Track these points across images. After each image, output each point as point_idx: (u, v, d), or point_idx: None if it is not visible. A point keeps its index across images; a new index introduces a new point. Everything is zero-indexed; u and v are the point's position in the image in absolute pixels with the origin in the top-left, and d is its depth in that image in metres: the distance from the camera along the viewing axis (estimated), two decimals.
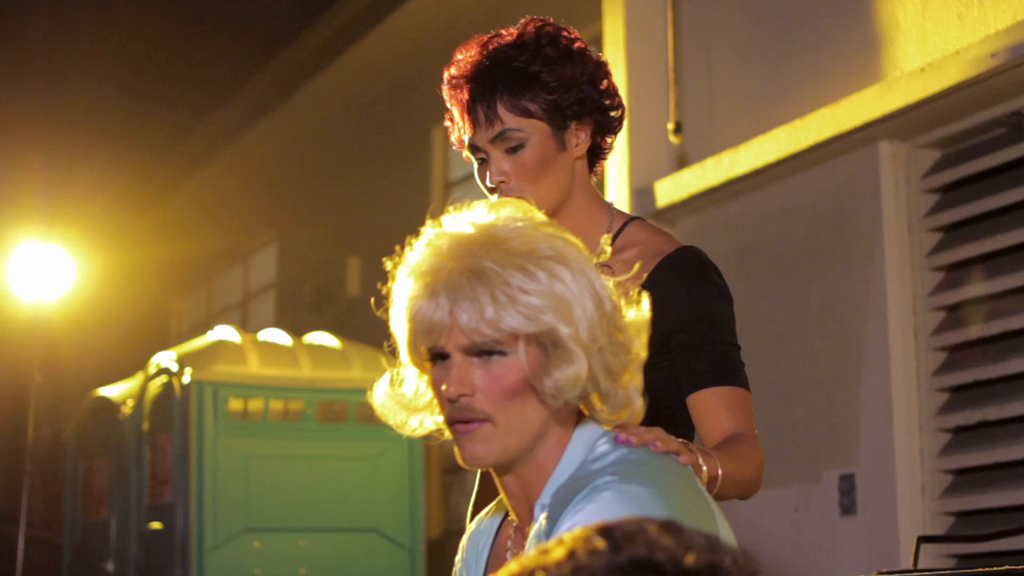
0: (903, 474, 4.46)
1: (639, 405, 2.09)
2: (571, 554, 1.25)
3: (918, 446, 4.50)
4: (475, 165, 2.69)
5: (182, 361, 6.13)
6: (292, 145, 10.41)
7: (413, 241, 2.13)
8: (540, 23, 2.64)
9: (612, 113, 2.67)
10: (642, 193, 5.37)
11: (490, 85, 2.59)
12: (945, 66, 4.26)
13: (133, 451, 6.36)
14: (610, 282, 2.07)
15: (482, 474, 2.87)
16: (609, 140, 2.71)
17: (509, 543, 2.22)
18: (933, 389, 4.50)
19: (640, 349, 2.08)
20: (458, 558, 2.35)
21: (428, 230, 2.10)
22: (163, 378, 6.19)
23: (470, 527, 2.36)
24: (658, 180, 5.31)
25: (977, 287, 4.41)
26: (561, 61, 2.58)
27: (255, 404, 6.16)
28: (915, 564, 3.71)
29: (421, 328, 2.03)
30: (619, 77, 5.54)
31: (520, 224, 2.06)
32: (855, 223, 4.66)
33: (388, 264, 2.14)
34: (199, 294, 12.43)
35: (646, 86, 5.43)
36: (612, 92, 2.66)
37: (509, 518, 2.23)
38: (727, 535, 2.08)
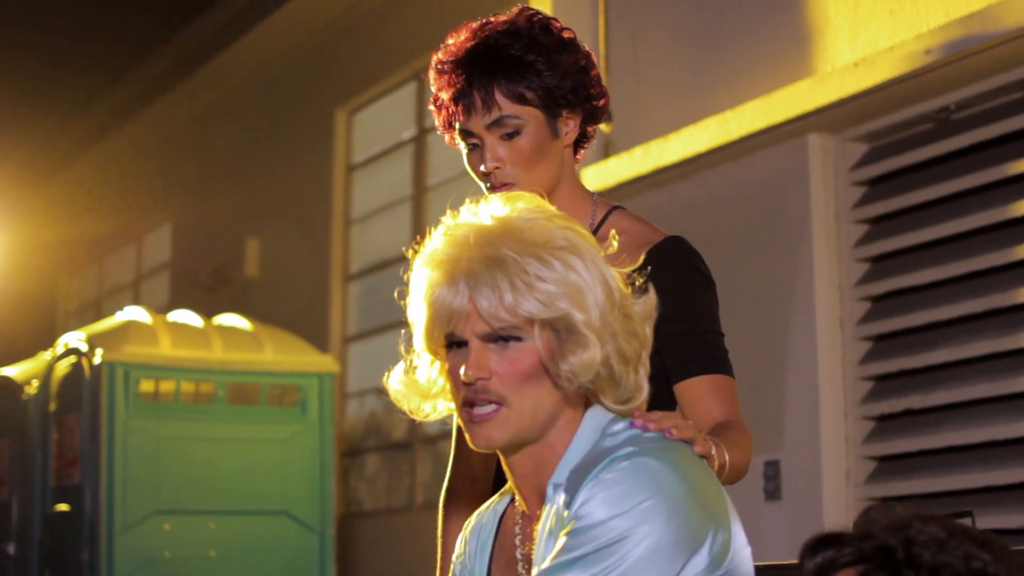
0: (828, 460, 4.56)
1: (647, 390, 2.15)
2: None
3: (843, 433, 4.59)
4: (464, 151, 2.70)
5: (92, 341, 6.06)
6: (191, 125, 10.30)
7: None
8: (531, 12, 2.66)
9: (599, 103, 2.70)
10: None
11: (487, 71, 2.60)
12: (878, 61, 4.35)
13: (37, 432, 6.28)
14: (616, 272, 2.13)
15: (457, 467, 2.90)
16: (592, 130, 2.74)
17: (517, 530, 2.24)
18: (858, 377, 4.60)
19: (648, 335, 2.14)
20: (458, 552, 2.37)
21: (446, 220, 2.15)
22: (71, 358, 6.12)
23: (470, 521, 2.38)
24: (585, 167, 5.36)
25: (903, 278, 4.51)
26: (555, 50, 2.61)
27: (166, 385, 6.11)
28: None
29: (440, 315, 2.07)
30: None
31: (535, 216, 2.12)
32: (784, 214, 4.74)
33: (408, 253, 2.17)
34: (89, 273, 12.26)
35: None
36: (599, 82, 2.70)
37: (516, 506, 2.26)
38: (735, 515, 2.12)
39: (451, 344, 2.09)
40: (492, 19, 2.68)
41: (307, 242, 8.96)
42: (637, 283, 2.16)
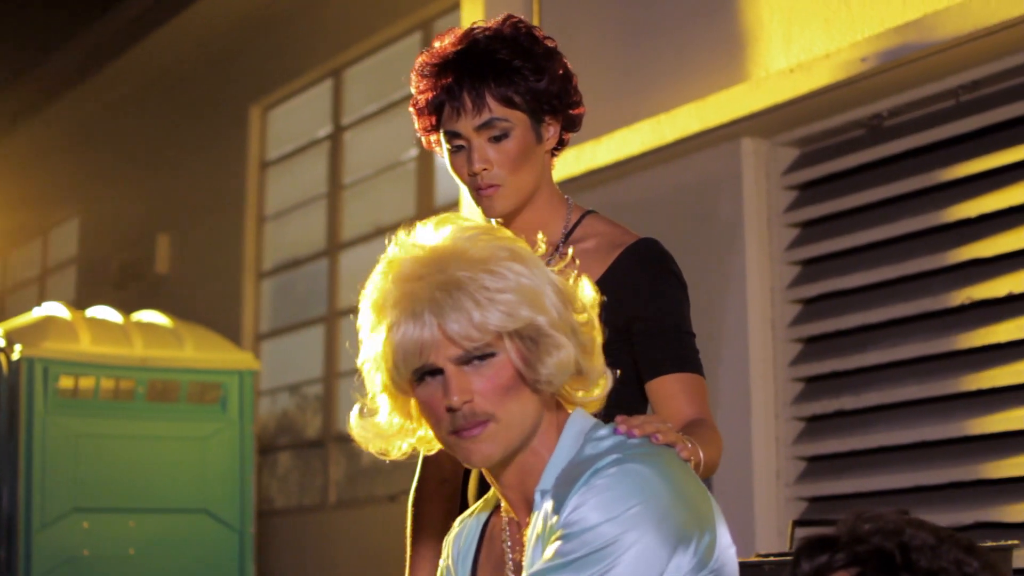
0: (759, 461, 4.63)
1: (609, 380, 2.20)
2: None
3: (774, 434, 4.66)
4: (446, 152, 2.74)
5: (10, 337, 5.99)
6: (101, 119, 10.20)
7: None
8: (516, 19, 2.74)
9: (577, 111, 2.77)
10: None
11: (478, 73, 2.65)
12: (815, 68, 4.42)
13: None
14: (554, 270, 2.19)
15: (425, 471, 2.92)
16: (567, 137, 2.81)
17: (506, 537, 2.27)
18: (790, 379, 4.67)
19: (598, 322, 2.21)
20: (444, 555, 2.40)
21: (380, 264, 2.17)
22: None
23: (453, 529, 2.41)
24: None
25: (834, 281, 4.59)
26: (542, 57, 2.69)
27: (86, 382, 6.06)
28: (791, 547, 3.87)
29: (409, 351, 2.10)
30: None
31: (469, 234, 2.15)
32: (716, 217, 4.80)
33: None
34: None
35: None
36: (578, 91, 2.77)
37: (502, 514, 2.29)
38: (720, 516, 2.17)
39: (422, 376, 2.12)
40: (477, 25, 2.74)
41: (220, 238, 8.91)
42: (572, 278, 2.20)
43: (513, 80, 2.67)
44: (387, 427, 2.23)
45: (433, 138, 2.79)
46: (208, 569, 6.23)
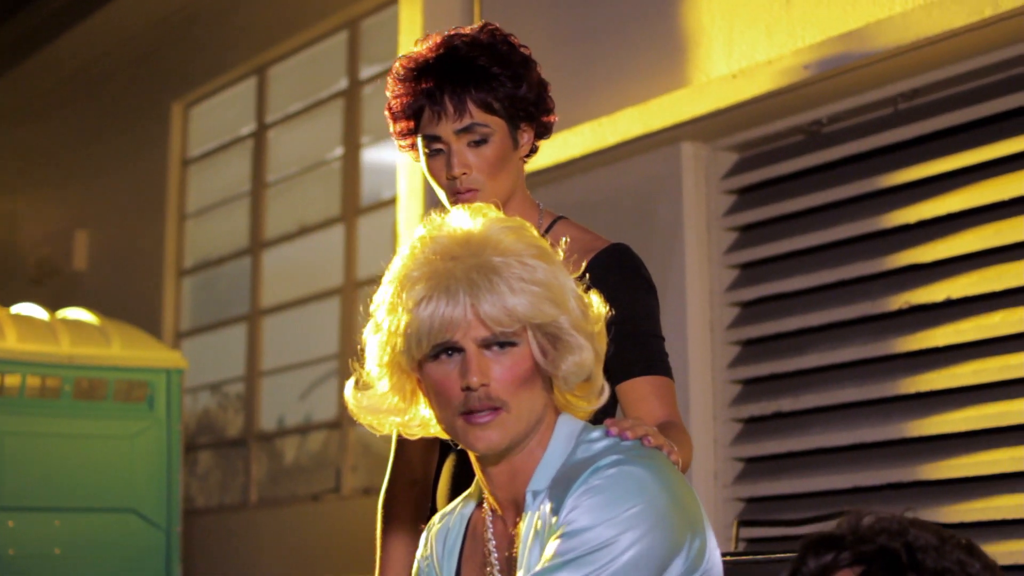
0: (697, 461, 4.68)
1: (606, 394, 2.24)
2: None
3: (712, 435, 4.72)
4: (423, 155, 2.76)
5: None
6: (18, 114, 10.07)
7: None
8: (493, 27, 2.78)
9: (550, 118, 2.81)
10: None
11: (460, 79, 2.68)
12: (757, 74, 4.48)
13: None
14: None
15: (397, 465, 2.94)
16: (539, 144, 2.84)
17: (489, 534, 2.29)
18: (728, 381, 4.73)
19: (605, 335, 2.24)
20: (422, 552, 2.41)
21: (412, 240, 2.18)
22: None
23: (433, 523, 2.41)
24: None
25: (772, 285, 4.65)
26: (519, 64, 2.73)
27: (11, 379, 5.98)
28: (735, 546, 3.93)
29: (437, 327, 2.11)
30: None
31: (504, 226, 2.19)
32: (656, 220, 4.85)
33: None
34: None
35: None
36: (551, 99, 2.81)
37: (485, 510, 2.30)
38: (707, 519, 2.21)
39: (438, 354, 2.13)
40: (454, 32, 2.77)
41: (140, 235, 8.84)
42: (580, 287, 2.24)
43: (493, 86, 2.70)
44: (381, 402, 2.24)
45: (407, 142, 2.81)
46: (134, 569, 6.17)
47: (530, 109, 2.76)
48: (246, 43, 8.21)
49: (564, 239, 2.48)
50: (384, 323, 2.17)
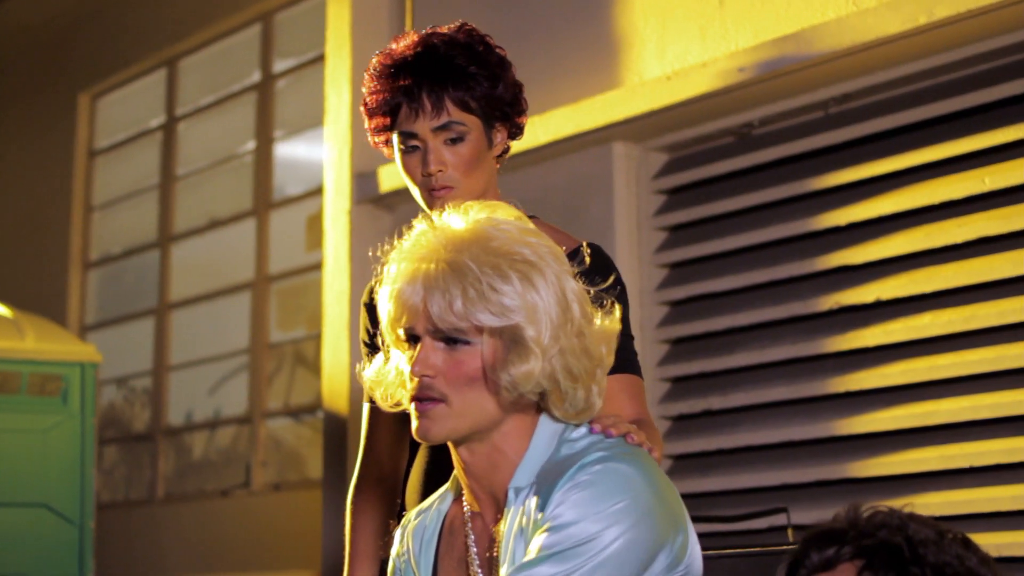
0: None
1: (599, 406, 2.26)
2: None
3: None
4: (398, 152, 2.79)
5: None
6: None
7: None
8: (470, 28, 2.82)
9: (522, 119, 2.84)
10: (364, 177, 5.47)
11: (438, 77, 2.71)
12: (692, 76, 4.54)
13: None
14: (582, 289, 2.23)
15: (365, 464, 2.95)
16: (511, 144, 2.88)
17: (467, 530, 2.31)
18: (657, 379, 4.78)
19: (605, 355, 2.24)
20: (397, 550, 2.42)
21: (421, 223, 2.22)
22: None
23: (409, 519, 2.43)
24: (382, 166, 5.42)
25: (702, 284, 4.72)
26: (496, 66, 2.78)
27: None
28: None
29: (399, 310, 2.19)
30: (343, 61, 5.61)
31: (506, 226, 2.21)
32: (587, 219, 4.89)
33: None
34: None
35: None
36: (525, 100, 2.85)
37: (463, 506, 2.33)
38: (687, 515, 2.25)
39: (409, 338, 2.20)
40: (431, 30, 2.80)
41: (45, 227, 8.72)
42: (607, 303, 2.26)
43: (470, 85, 2.74)
44: (385, 375, 2.28)
45: (381, 138, 2.84)
46: (47, 563, 6.11)
47: (505, 109, 2.80)
48: (156, 34, 8.14)
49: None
50: (382, 299, 2.24)
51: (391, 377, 2.28)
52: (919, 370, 4.16)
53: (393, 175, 5.35)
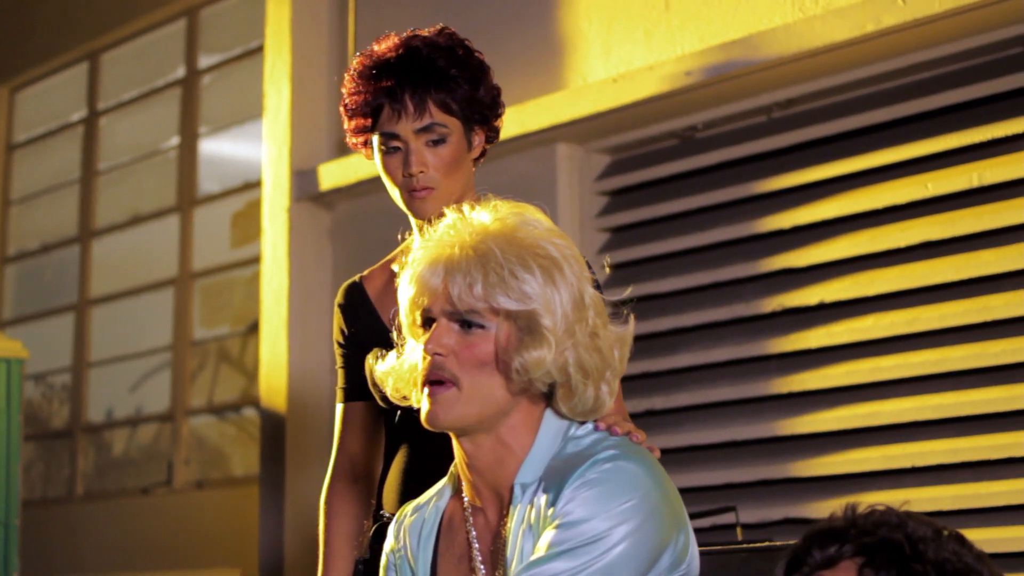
0: None
1: (608, 407, 2.29)
2: None
3: None
4: (378, 153, 2.81)
5: None
6: None
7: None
8: (451, 32, 2.85)
9: (499, 123, 2.88)
10: (303, 175, 5.46)
11: (421, 79, 2.74)
12: (638, 78, 4.58)
13: None
14: (598, 295, 2.28)
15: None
16: (487, 148, 2.92)
17: (469, 526, 2.33)
18: None
19: (617, 361, 2.28)
20: (391, 545, 2.43)
21: (451, 215, 2.26)
22: None
23: (405, 515, 2.43)
24: (324, 164, 5.41)
25: (645, 286, 4.76)
26: (477, 69, 2.82)
27: None
28: None
29: (418, 291, 2.23)
30: (283, 57, 5.59)
31: (535, 224, 2.25)
32: None
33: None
34: None
35: (312, 70, 5.50)
36: (502, 104, 2.89)
37: (464, 502, 2.34)
38: (687, 517, 2.29)
39: (425, 322, 2.23)
40: (412, 33, 2.83)
41: None
42: (624, 313, 2.30)
43: (451, 88, 2.78)
44: (400, 368, 2.30)
45: (360, 139, 2.86)
46: None
47: (485, 112, 2.84)
48: (78, 27, 8.05)
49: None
50: (402, 286, 2.28)
51: (404, 371, 2.30)
52: (862, 371, 4.24)
53: (332, 173, 5.35)
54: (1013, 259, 3.97)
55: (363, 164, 5.26)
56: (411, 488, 2.70)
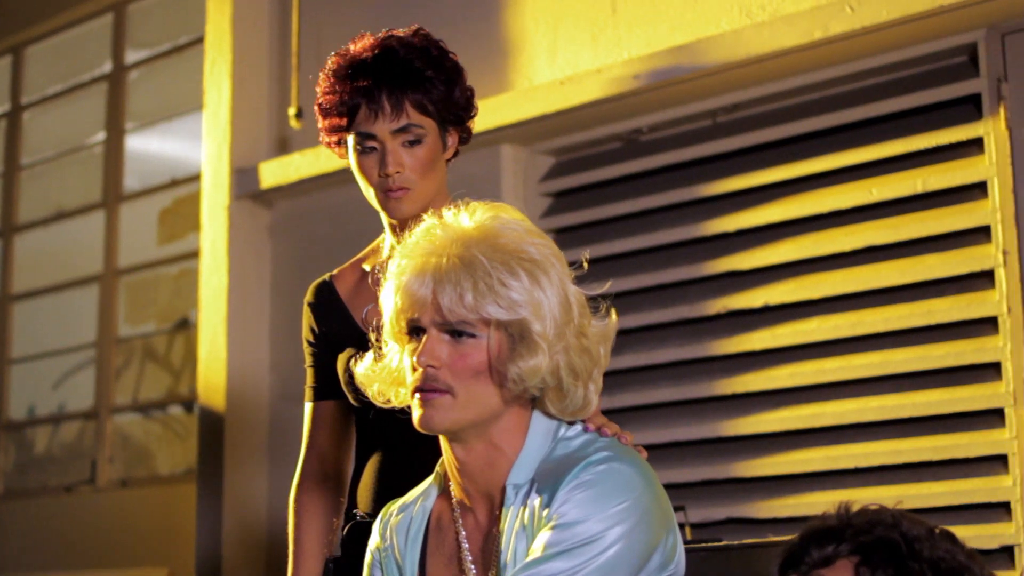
0: None
1: (595, 405, 2.32)
2: None
3: None
4: (353, 152, 2.82)
5: None
6: None
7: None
8: (425, 33, 2.87)
9: (472, 124, 2.90)
10: (244, 173, 5.43)
11: (398, 79, 2.76)
12: (585, 81, 4.61)
13: None
14: (579, 292, 2.30)
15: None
16: (459, 148, 2.94)
17: (458, 527, 2.34)
18: None
19: (603, 357, 2.32)
20: (377, 544, 2.44)
21: (429, 219, 2.26)
22: None
23: (392, 513, 2.44)
24: (265, 162, 5.39)
25: (587, 287, 4.77)
26: (451, 70, 2.84)
27: None
28: None
29: (405, 302, 2.23)
30: (223, 53, 5.56)
31: (513, 225, 2.26)
32: None
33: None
34: None
35: (253, 67, 5.48)
36: (475, 106, 2.91)
37: (453, 502, 2.36)
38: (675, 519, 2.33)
39: (412, 331, 2.24)
40: (388, 33, 2.84)
41: None
42: (602, 307, 2.33)
43: (427, 89, 2.79)
44: (395, 371, 2.31)
45: (333, 138, 2.87)
46: None
47: (460, 113, 2.86)
48: (2, 21, 7.96)
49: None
50: (385, 296, 2.29)
51: (385, 374, 2.31)
52: (806, 373, 4.29)
53: (273, 171, 5.34)
54: (956, 264, 4.04)
55: (304, 162, 5.25)
56: (386, 487, 2.71)
